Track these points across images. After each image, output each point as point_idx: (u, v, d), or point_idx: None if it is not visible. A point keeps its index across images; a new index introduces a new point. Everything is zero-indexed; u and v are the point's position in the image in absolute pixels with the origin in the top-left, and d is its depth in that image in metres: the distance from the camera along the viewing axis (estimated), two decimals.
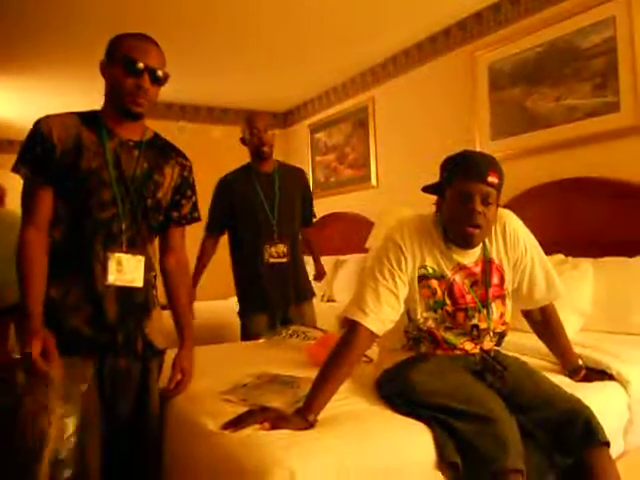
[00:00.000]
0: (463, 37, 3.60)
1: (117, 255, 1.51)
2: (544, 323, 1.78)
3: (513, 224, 1.64)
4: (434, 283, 1.56)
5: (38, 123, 1.47)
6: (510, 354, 1.72)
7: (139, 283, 1.55)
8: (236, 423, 1.35)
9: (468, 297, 1.58)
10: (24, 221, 1.48)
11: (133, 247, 1.54)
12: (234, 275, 2.81)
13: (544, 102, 3.08)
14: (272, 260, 2.66)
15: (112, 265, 1.50)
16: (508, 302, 1.65)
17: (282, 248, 2.68)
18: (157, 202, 1.60)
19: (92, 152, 1.49)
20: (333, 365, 1.45)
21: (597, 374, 1.79)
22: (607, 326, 2.32)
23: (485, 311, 1.58)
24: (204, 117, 5.57)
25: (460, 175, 1.50)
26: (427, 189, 1.62)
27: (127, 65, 1.47)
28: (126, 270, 1.52)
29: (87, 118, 1.53)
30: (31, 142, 1.46)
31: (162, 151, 1.64)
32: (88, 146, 1.49)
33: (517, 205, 3.07)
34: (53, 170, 1.46)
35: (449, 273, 1.57)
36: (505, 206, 3.03)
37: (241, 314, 2.77)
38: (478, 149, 3.41)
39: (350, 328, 1.48)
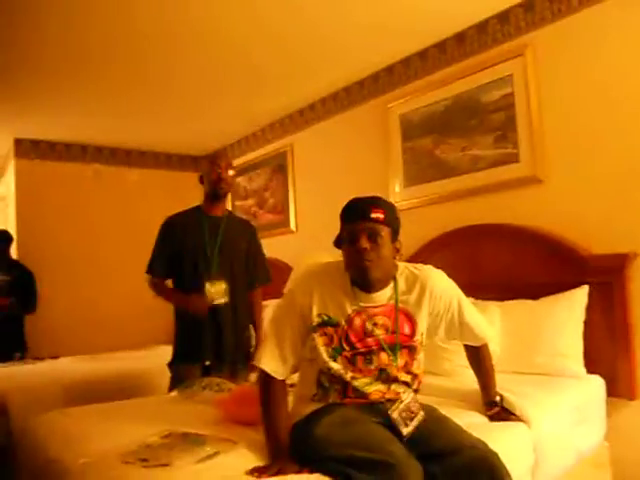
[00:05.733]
0: (376, 89, 3.76)
1: None
2: (474, 353, 1.89)
3: (435, 282, 1.68)
4: (330, 330, 1.59)
5: None
6: (425, 397, 1.73)
7: None
8: (264, 470, 1.39)
9: (369, 340, 1.59)
10: None
11: None
12: (175, 322, 2.65)
13: (451, 152, 3.24)
14: (214, 302, 2.50)
15: None
16: (419, 355, 1.66)
17: (222, 286, 2.55)
18: None
19: None
20: (262, 408, 1.59)
21: (505, 412, 1.87)
22: (513, 366, 2.39)
23: (391, 354, 1.59)
24: (121, 160, 5.44)
25: (345, 219, 1.61)
26: (335, 243, 1.65)
27: None
28: None
29: None
30: None
31: None
32: None
33: (429, 250, 3.18)
34: None
35: (346, 317, 1.59)
36: (418, 252, 3.18)
37: (170, 364, 2.60)
38: (392, 196, 3.52)
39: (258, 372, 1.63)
